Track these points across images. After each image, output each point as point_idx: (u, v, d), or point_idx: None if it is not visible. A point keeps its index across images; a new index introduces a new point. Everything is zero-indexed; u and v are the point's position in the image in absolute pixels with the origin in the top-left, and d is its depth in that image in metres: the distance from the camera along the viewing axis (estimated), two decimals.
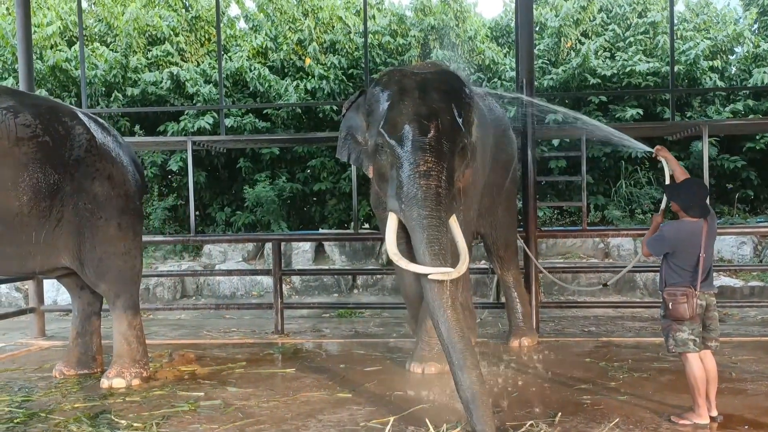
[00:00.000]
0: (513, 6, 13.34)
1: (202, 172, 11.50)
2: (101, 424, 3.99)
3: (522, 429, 3.73)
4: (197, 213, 10.83)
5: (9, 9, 12.64)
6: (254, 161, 11.84)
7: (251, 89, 11.96)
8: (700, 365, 3.82)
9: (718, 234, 4.17)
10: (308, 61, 12.15)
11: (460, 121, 4.20)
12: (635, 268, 8.83)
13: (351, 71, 12.26)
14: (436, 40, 12.89)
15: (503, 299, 6.50)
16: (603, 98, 11.53)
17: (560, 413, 3.99)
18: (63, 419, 4.11)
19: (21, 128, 4.54)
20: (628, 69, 11.57)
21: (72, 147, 4.81)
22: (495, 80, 12.24)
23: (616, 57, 12.09)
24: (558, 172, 11.01)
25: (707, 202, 3.94)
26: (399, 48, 12.75)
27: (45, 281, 7.68)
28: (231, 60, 12.12)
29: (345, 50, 12.40)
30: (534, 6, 13.64)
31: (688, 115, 11.36)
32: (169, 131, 11.20)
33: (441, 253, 3.74)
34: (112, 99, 11.56)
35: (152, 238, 9.39)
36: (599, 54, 12.27)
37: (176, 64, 12.27)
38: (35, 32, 11.73)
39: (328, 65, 12.06)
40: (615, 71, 11.72)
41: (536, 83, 11.24)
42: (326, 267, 9.90)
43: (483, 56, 12.55)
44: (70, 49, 11.98)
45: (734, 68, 12.33)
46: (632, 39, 12.61)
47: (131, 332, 5.13)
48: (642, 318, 7.73)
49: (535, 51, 12.10)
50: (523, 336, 6.12)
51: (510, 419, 3.90)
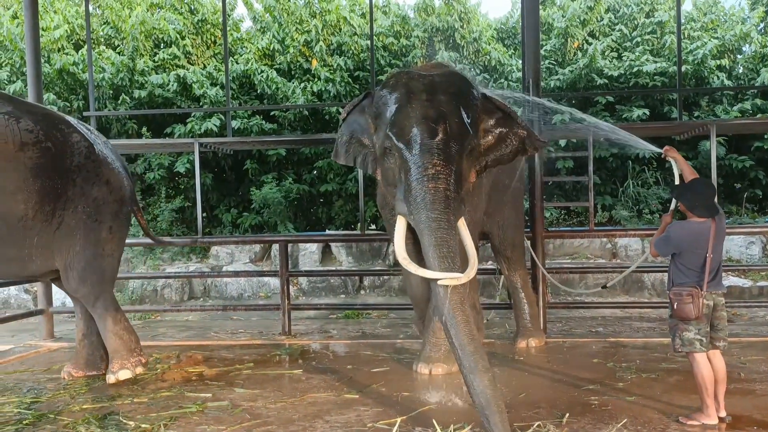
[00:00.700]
0: (519, 6, 13.38)
1: (209, 174, 11.53)
2: (109, 425, 4.01)
3: (530, 430, 3.73)
4: (204, 215, 10.86)
5: (17, 13, 12.71)
6: (261, 163, 11.86)
7: (258, 91, 11.99)
8: (708, 365, 3.80)
9: (727, 234, 4.15)
10: (315, 63, 12.17)
11: (468, 124, 4.20)
12: (643, 269, 8.83)
13: (357, 73, 12.27)
14: (441, 42, 12.89)
15: (511, 300, 6.49)
16: (610, 98, 11.50)
17: (568, 414, 3.99)
18: (71, 420, 4.13)
19: (24, 133, 4.60)
20: (635, 69, 11.54)
21: (73, 153, 4.89)
22: (501, 81, 12.23)
23: (623, 57, 12.05)
24: (565, 173, 10.99)
25: (715, 202, 3.92)
26: (403, 49, 12.76)
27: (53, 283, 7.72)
28: (237, 62, 12.16)
29: (351, 52, 12.42)
30: (541, 6, 13.72)
31: (696, 115, 11.31)
32: (176, 133, 11.24)
33: (449, 257, 3.73)
34: (120, 102, 11.60)
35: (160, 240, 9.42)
36: (606, 54, 12.24)
37: (183, 67, 12.31)
38: (42, 36, 11.79)
39: (335, 67, 12.08)
40: (622, 71, 11.68)
41: (543, 84, 11.24)
42: (333, 268, 9.91)
43: (489, 57, 12.53)
44: (77, 53, 12.04)
45: (741, 68, 12.28)
46: (639, 39, 12.59)
47: (119, 327, 5.20)
48: (650, 318, 7.70)
49: (542, 51, 12.08)
50: (531, 337, 6.12)
51: (518, 420, 3.90)
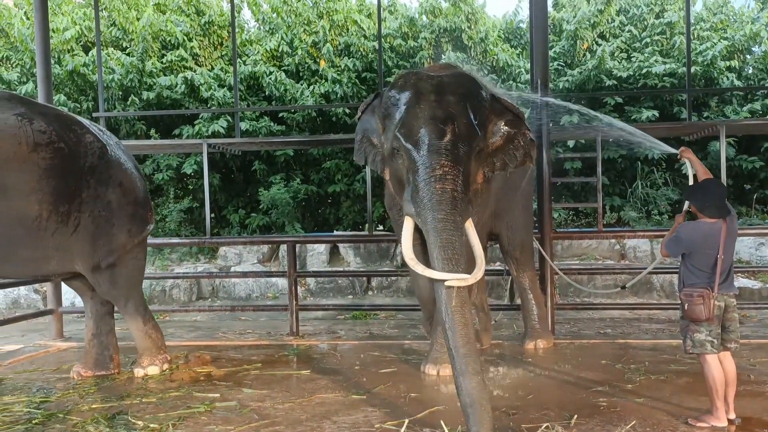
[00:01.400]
0: (523, 5, 13.36)
1: (217, 175, 11.56)
2: (118, 425, 4.03)
3: (538, 431, 3.71)
4: (212, 215, 10.90)
5: (27, 13, 12.79)
6: (269, 163, 11.88)
7: (266, 93, 12.02)
8: (719, 367, 3.78)
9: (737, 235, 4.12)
10: (323, 64, 12.18)
11: (477, 125, 4.19)
12: (652, 270, 8.79)
13: (365, 75, 12.27)
14: (449, 42, 12.88)
15: (518, 301, 6.48)
16: (619, 99, 11.45)
17: (576, 415, 3.98)
18: (81, 420, 4.15)
19: (38, 134, 4.61)
20: (645, 70, 11.50)
21: (86, 154, 4.90)
22: (509, 82, 12.21)
23: (633, 58, 12.01)
24: (573, 173, 10.96)
25: (726, 203, 3.90)
26: (410, 50, 12.75)
27: (63, 283, 7.75)
28: (245, 64, 12.19)
29: (359, 53, 12.42)
30: (552, 8, 13.69)
31: (705, 116, 11.26)
32: (184, 134, 11.28)
33: (455, 258, 3.72)
34: (129, 103, 11.65)
35: (168, 241, 9.47)
36: (616, 55, 12.20)
37: (190, 69, 12.35)
38: (53, 37, 11.85)
39: (342, 68, 12.08)
40: (631, 72, 11.64)
41: (552, 85, 11.22)
42: (341, 269, 9.92)
43: (496, 58, 12.51)
44: (87, 54, 12.10)
45: (751, 68, 12.21)
46: (649, 40, 12.54)
47: (148, 326, 5.43)
48: (659, 320, 7.67)
49: (551, 53, 12.06)
50: (539, 338, 6.10)
51: (525, 421, 3.89)
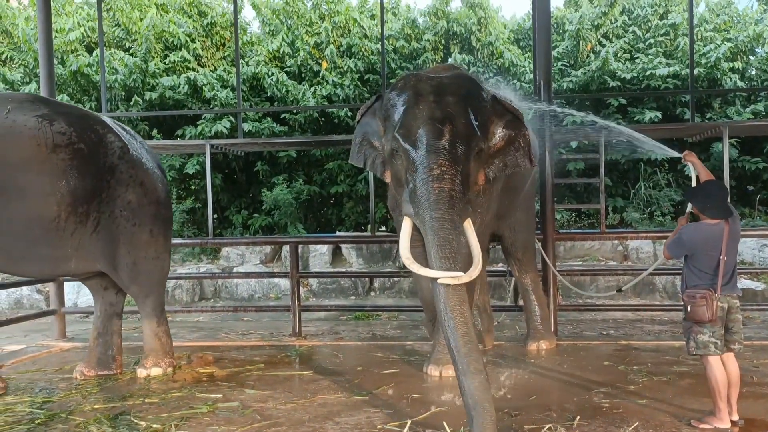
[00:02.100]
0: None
1: (220, 175, 11.57)
2: (121, 425, 4.03)
3: None
4: (215, 216, 10.89)
5: (29, 14, 12.82)
6: (271, 164, 11.89)
7: (269, 94, 12.03)
8: (722, 368, 3.77)
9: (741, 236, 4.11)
10: (325, 65, 12.18)
11: (476, 125, 4.19)
12: (654, 271, 8.77)
13: (367, 76, 12.27)
14: (456, 44, 12.88)
15: (521, 302, 6.47)
16: (622, 100, 11.44)
17: (578, 417, 3.97)
18: (83, 420, 4.15)
19: (57, 135, 4.70)
20: (648, 72, 11.48)
21: (106, 154, 4.98)
22: (514, 82, 12.20)
23: (636, 60, 12.00)
24: (576, 174, 10.95)
25: (728, 203, 3.89)
26: (413, 52, 12.75)
27: (66, 284, 7.77)
28: (248, 65, 12.20)
29: (361, 54, 12.43)
30: (556, 9, 13.68)
31: (708, 117, 11.25)
32: (187, 135, 11.29)
33: (451, 257, 3.73)
34: (132, 103, 11.67)
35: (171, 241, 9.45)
36: (619, 56, 12.18)
37: (193, 69, 12.37)
38: (57, 37, 11.88)
39: (345, 69, 12.08)
40: (635, 74, 11.62)
41: (555, 85, 11.22)
42: (343, 270, 9.91)
43: (503, 59, 12.51)
44: (91, 55, 12.13)
45: (754, 69, 12.19)
46: (652, 41, 12.52)
47: (161, 329, 5.44)
48: (661, 321, 7.66)
49: (555, 53, 12.06)
50: (541, 339, 6.09)
51: (528, 423, 3.89)
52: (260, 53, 12.72)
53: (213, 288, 9.92)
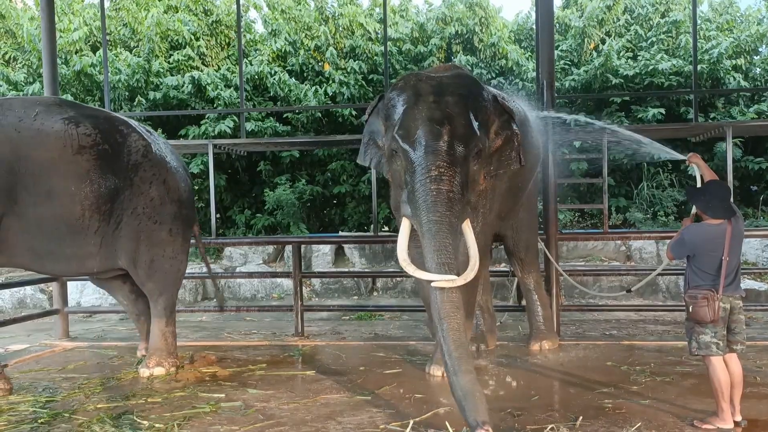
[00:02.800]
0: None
1: (223, 175, 11.58)
2: (124, 425, 4.04)
3: None
4: (218, 216, 10.90)
5: (34, 15, 12.85)
6: (274, 164, 11.90)
7: (272, 93, 12.03)
8: (724, 369, 3.76)
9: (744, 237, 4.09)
10: (327, 67, 12.18)
11: (476, 125, 4.19)
12: (659, 273, 8.75)
13: (371, 76, 12.27)
14: (459, 45, 12.86)
15: (524, 302, 6.46)
16: (625, 98, 11.43)
17: (581, 417, 3.96)
18: (86, 419, 4.16)
19: (83, 137, 4.87)
20: (651, 68, 11.46)
21: (130, 153, 5.12)
22: (516, 82, 12.20)
23: (639, 57, 11.98)
24: (579, 174, 10.94)
25: (731, 203, 3.88)
26: (419, 55, 12.73)
27: (69, 283, 7.78)
28: (251, 64, 12.21)
29: (365, 55, 12.42)
30: (558, 7, 13.66)
31: (712, 116, 11.23)
32: (190, 135, 11.30)
33: (447, 262, 3.75)
34: (135, 103, 11.69)
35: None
36: (621, 54, 12.17)
37: (197, 69, 12.38)
38: (61, 37, 11.90)
39: (348, 70, 12.08)
40: (637, 71, 11.61)
41: (558, 84, 11.20)
42: (346, 270, 9.92)
43: (506, 59, 12.49)
44: (95, 55, 12.15)
45: (758, 68, 12.16)
46: (654, 39, 12.50)
47: (168, 329, 5.50)
48: (664, 321, 7.64)
49: (558, 52, 12.03)
50: (544, 339, 6.07)
51: (531, 423, 3.88)
52: (264, 53, 12.74)
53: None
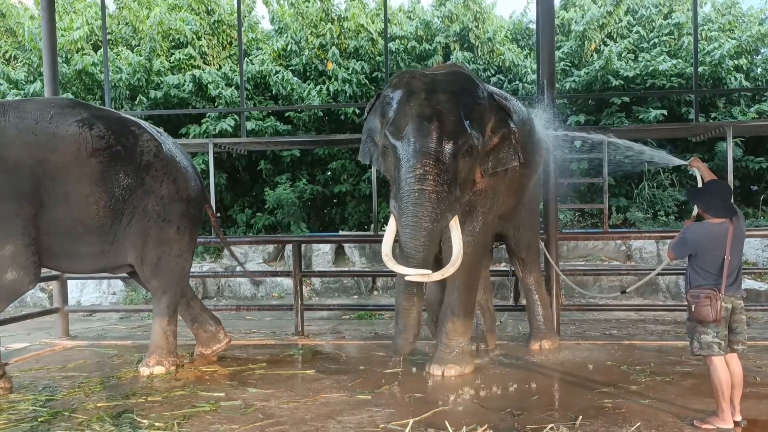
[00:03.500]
0: (532, 6, 13.32)
1: (223, 174, 11.58)
2: (124, 424, 4.04)
3: None
4: (218, 215, 10.90)
5: (35, 11, 12.85)
6: (275, 163, 11.89)
7: (273, 92, 12.03)
8: (726, 369, 3.76)
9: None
10: (330, 66, 12.18)
11: (468, 122, 4.21)
12: (659, 271, 8.74)
13: (375, 74, 12.26)
14: (457, 42, 12.86)
15: (524, 302, 6.46)
16: (626, 99, 11.42)
17: (581, 417, 3.96)
18: (86, 418, 4.16)
19: (96, 139, 4.95)
20: (651, 69, 11.45)
21: (142, 153, 5.19)
22: (516, 82, 12.19)
23: (640, 58, 11.96)
24: (579, 174, 10.93)
25: (732, 203, 3.88)
26: (424, 53, 12.72)
27: (69, 282, 7.78)
28: (252, 63, 12.20)
29: (368, 55, 12.41)
30: (560, 9, 13.65)
31: (713, 116, 11.21)
32: (191, 134, 11.29)
33: (420, 261, 3.99)
34: (137, 102, 11.68)
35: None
36: (623, 56, 12.15)
37: (198, 68, 12.37)
38: (62, 36, 11.90)
39: (351, 70, 12.08)
40: (638, 72, 11.59)
41: (558, 85, 11.19)
42: (346, 269, 9.92)
43: (503, 58, 12.49)
44: (96, 53, 12.14)
45: (760, 69, 12.14)
46: (657, 40, 12.49)
47: (170, 328, 5.53)
48: (664, 321, 7.64)
49: (559, 53, 12.02)
50: (544, 339, 6.07)
51: (530, 422, 3.88)
52: (266, 51, 12.73)
53: (216, 287, 9.93)
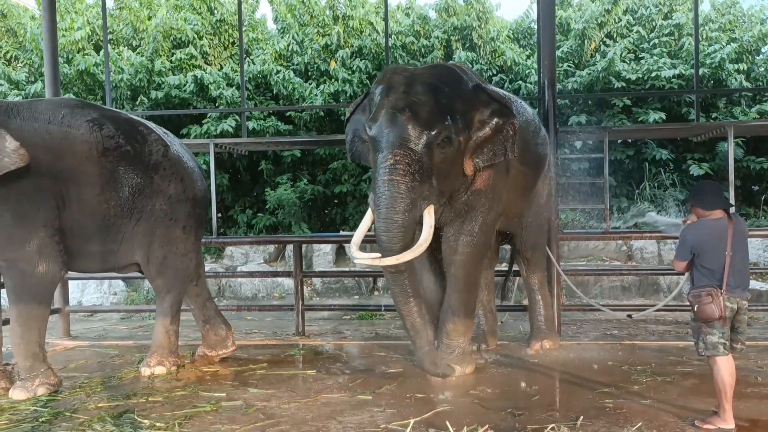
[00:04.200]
0: (534, 7, 13.31)
1: (224, 175, 11.58)
2: (124, 424, 4.04)
3: None
4: (219, 215, 10.90)
5: (34, 14, 12.87)
6: (276, 164, 11.90)
7: (274, 92, 12.03)
8: (729, 369, 3.75)
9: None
10: (333, 65, 12.18)
11: (446, 113, 4.31)
12: (659, 272, 8.76)
13: (375, 73, 12.25)
14: (459, 41, 12.85)
15: (525, 301, 6.45)
16: (627, 101, 11.42)
17: (582, 417, 3.96)
18: (87, 418, 4.16)
19: (107, 139, 5.01)
20: (654, 73, 11.42)
21: (151, 153, 5.25)
22: (518, 82, 12.18)
23: (641, 60, 11.95)
24: (581, 174, 10.92)
25: (723, 196, 3.96)
26: (422, 49, 12.72)
27: (70, 282, 7.77)
28: (253, 63, 12.20)
29: (371, 54, 12.42)
30: (558, 8, 13.64)
31: (714, 117, 11.20)
32: (192, 134, 11.28)
33: (396, 252, 4.19)
34: (138, 102, 11.69)
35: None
36: (624, 56, 12.14)
37: (200, 68, 12.38)
38: (63, 36, 11.90)
39: (353, 69, 12.08)
40: (640, 75, 11.57)
41: (560, 86, 11.19)
42: (347, 269, 9.91)
43: (505, 57, 12.48)
44: (98, 54, 12.15)
45: (761, 68, 12.13)
46: (657, 41, 12.48)
47: (173, 327, 5.55)
48: (665, 321, 7.63)
49: (559, 53, 12.01)
50: (545, 339, 6.04)
51: (531, 422, 3.88)
52: (267, 51, 12.72)
53: (217, 287, 9.93)
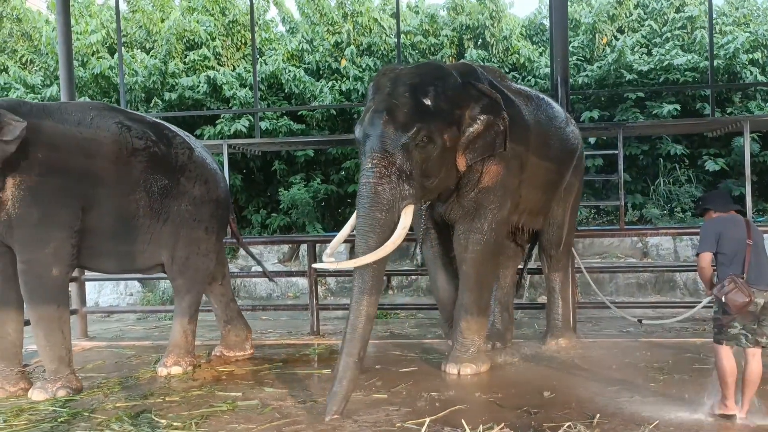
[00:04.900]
0: (546, 3, 13.26)
1: (238, 175, 11.62)
2: (142, 423, 4.07)
3: (560, 431, 3.69)
4: (233, 215, 10.96)
5: (51, 16, 12.98)
6: (289, 163, 11.92)
7: (286, 91, 12.06)
8: (731, 358, 3.81)
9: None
10: (344, 62, 12.20)
11: (428, 112, 4.32)
12: (675, 268, 8.69)
13: None
14: (471, 40, 12.83)
15: (541, 299, 6.42)
16: (640, 94, 11.34)
17: (598, 415, 3.95)
18: (105, 418, 4.20)
19: (136, 140, 5.09)
20: (666, 63, 11.35)
21: (177, 155, 5.33)
22: (530, 78, 12.14)
23: (653, 52, 11.87)
24: (595, 171, 10.86)
25: (731, 199, 4.16)
26: (431, 47, 12.70)
27: (87, 283, 7.84)
28: (266, 63, 12.24)
29: (380, 52, 12.42)
30: (569, 2, 13.58)
31: (729, 111, 11.10)
32: (206, 135, 11.34)
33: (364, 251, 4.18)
34: (152, 104, 11.76)
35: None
36: (636, 50, 12.06)
37: (213, 68, 12.44)
38: (78, 40, 12.00)
39: (363, 67, 12.09)
40: (652, 66, 11.50)
41: (571, 80, 11.13)
42: None
43: (518, 55, 12.44)
44: (113, 57, 12.24)
45: None
46: (669, 34, 12.39)
47: (190, 327, 5.61)
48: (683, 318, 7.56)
49: (570, 48, 11.96)
50: (561, 336, 6.03)
51: (547, 420, 3.87)
52: (279, 51, 12.76)
53: (232, 287, 9.94)
